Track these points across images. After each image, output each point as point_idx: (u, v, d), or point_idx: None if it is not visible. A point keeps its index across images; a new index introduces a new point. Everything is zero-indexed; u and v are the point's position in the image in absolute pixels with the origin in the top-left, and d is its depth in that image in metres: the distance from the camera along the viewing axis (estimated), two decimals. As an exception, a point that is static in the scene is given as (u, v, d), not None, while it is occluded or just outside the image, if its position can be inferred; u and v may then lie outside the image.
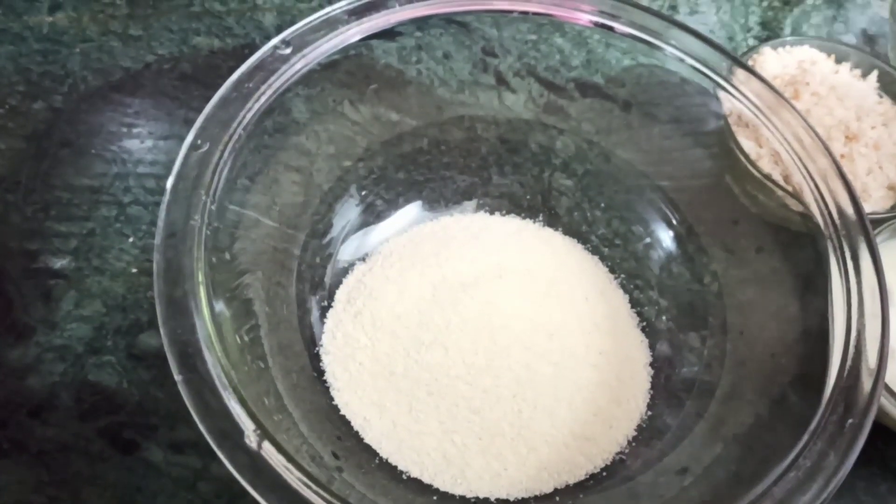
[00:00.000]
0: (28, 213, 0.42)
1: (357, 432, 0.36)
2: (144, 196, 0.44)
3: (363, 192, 0.42)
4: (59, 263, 0.41)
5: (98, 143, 0.45)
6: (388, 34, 0.40)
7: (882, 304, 0.32)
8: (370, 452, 0.35)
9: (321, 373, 0.37)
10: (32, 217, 0.42)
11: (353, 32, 0.38)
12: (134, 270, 0.41)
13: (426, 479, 0.35)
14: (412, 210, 0.43)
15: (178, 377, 0.27)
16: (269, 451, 0.26)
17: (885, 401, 0.35)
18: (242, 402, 0.27)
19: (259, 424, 0.26)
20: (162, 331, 0.28)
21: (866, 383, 0.30)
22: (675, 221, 0.43)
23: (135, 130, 0.46)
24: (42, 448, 0.36)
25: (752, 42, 0.55)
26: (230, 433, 0.26)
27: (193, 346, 0.28)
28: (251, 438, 0.26)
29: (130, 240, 0.42)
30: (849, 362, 0.30)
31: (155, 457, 0.36)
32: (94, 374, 0.38)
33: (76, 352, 0.39)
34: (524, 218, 0.44)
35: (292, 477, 0.26)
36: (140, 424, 0.37)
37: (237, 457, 0.26)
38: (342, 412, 0.36)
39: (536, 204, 0.44)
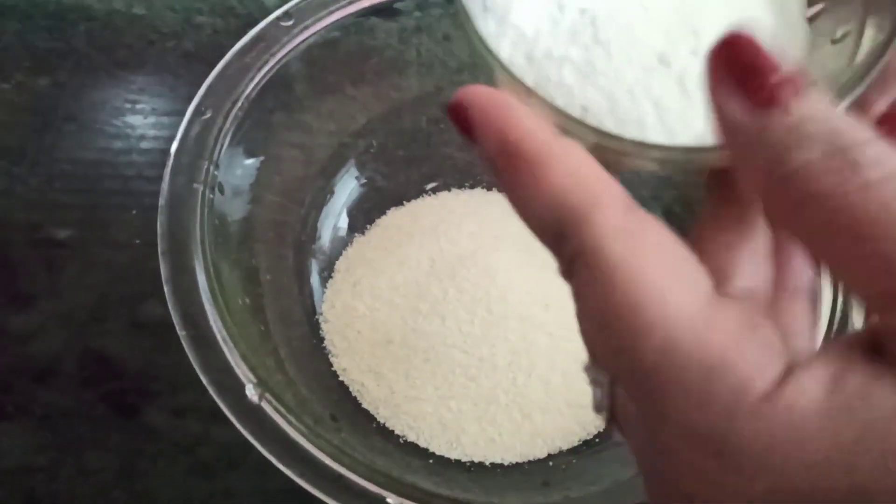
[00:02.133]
0: (32, 185, 0.43)
1: (355, 398, 0.36)
2: (147, 170, 0.44)
3: (363, 168, 0.43)
4: (63, 234, 0.42)
5: (102, 118, 0.46)
6: (388, 12, 0.41)
7: None
8: (368, 416, 0.36)
9: (321, 340, 0.37)
10: (37, 189, 0.43)
11: (355, 7, 0.38)
12: (137, 241, 0.42)
13: (422, 444, 0.35)
14: (411, 185, 0.43)
15: (181, 333, 0.27)
16: (269, 405, 0.27)
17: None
18: (244, 357, 0.27)
19: (260, 378, 0.27)
20: (166, 288, 0.28)
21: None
22: (670, 198, 0.44)
23: (138, 106, 0.46)
24: (45, 412, 0.37)
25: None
26: (232, 387, 0.27)
27: (196, 305, 0.29)
28: (252, 392, 0.27)
29: (134, 212, 0.43)
30: (837, 320, 0.31)
31: (156, 421, 0.37)
32: (96, 342, 0.39)
33: (79, 320, 0.39)
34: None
35: (292, 429, 0.26)
36: (142, 390, 0.38)
37: (239, 409, 0.26)
38: (340, 378, 0.36)
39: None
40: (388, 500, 0.25)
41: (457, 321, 0.37)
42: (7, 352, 0.38)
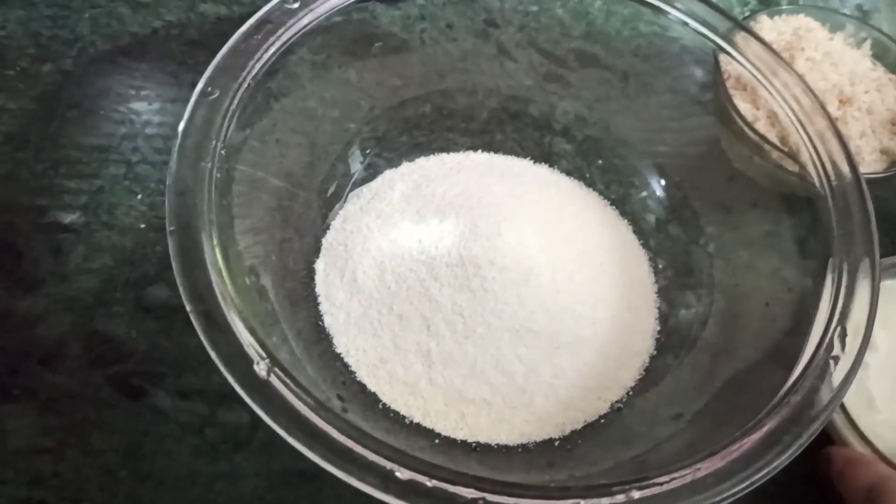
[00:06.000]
0: (38, 171, 0.43)
1: (359, 380, 0.36)
2: (152, 156, 0.44)
3: (367, 153, 0.43)
4: (69, 218, 0.42)
5: (106, 104, 0.46)
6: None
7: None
8: (374, 398, 0.36)
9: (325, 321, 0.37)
10: (42, 174, 0.43)
11: (361, -10, 0.39)
12: (142, 226, 0.42)
13: (428, 424, 0.35)
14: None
15: (189, 307, 0.28)
16: (277, 380, 0.27)
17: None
18: (252, 332, 0.27)
19: (269, 354, 0.27)
20: (174, 264, 0.28)
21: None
22: (671, 186, 0.44)
23: (143, 93, 0.47)
24: (51, 394, 0.37)
25: (748, 13, 0.56)
26: (240, 362, 0.27)
27: (204, 282, 0.29)
28: (261, 366, 0.27)
29: (139, 197, 0.43)
30: (839, 305, 0.31)
31: (162, 403, 0.37)
32: (102, 325, 0.39)
33: (85, 303, 0.39)
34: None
35: (301, 404, 0.27)
36: (148, 372, 0.38)
37: (247, 383, 0.26)
38: (345, 360, 0.37)
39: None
40: (397, 473, 0.25)
41: (456, 304, 0.37)
42: (13, 335, 0.38)
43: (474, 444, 0.35)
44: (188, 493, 0.35)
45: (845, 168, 0.36)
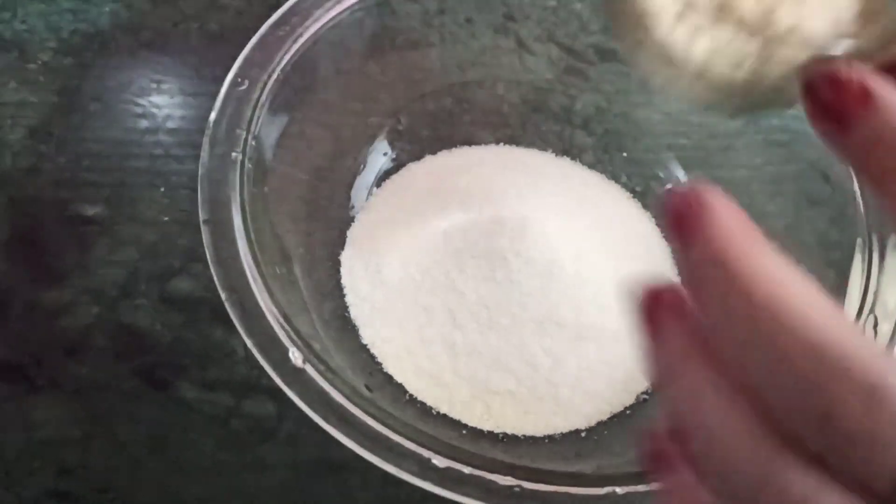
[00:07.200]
0: (61, 164, 0.43)
1: (386, 371, 0.36)
2: (174, 149, 0.44)
3: (390, 146, 0.43)
4: (92, 211, 0.42)
5: (128, 98, 0.46)
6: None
7: None
8: (400, 388, 0.36)
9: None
10: (65, 167, 0.43)
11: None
12: (165, 219, 0.42)
13: (454, 415, 0.35)
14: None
15: (224, 296, 0.28)
16: (312, 368, 0.27)
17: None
18: (287, 320, 0.28)
19: (304, 341, 0.27)
20: (208, 254, 0.29)
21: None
22: (692, 178, 0.44)
23: (163, 86, 0.47)
24: (77, 385, 0.37)
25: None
26: (275, 351, 0.27)
27: (237, 270, 0.29)
28: (295, 355, 0.27)
29: (161, 190, 0.43)
30: (870, 295, 0.31)
31: (187, 394, 0.37)
32: (127, 317, 0.39)
33: (110, 295, 0.39)
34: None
35: (336, 392, 0.27)
36: (172, 364, 0.38)
37: (283, 371, 0.27)
38: (371, 350, 0.37)
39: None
40: (434, 460, 0.25)
41: (481, 295, 0.37)
42: (39, 326, 0.38)
43: (500, 435, 0.35)
44: (215, 484, 0.35)
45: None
